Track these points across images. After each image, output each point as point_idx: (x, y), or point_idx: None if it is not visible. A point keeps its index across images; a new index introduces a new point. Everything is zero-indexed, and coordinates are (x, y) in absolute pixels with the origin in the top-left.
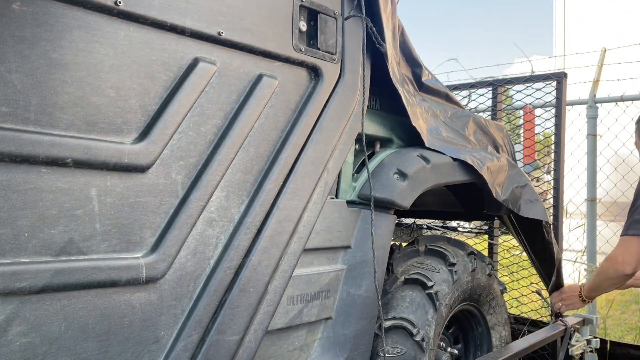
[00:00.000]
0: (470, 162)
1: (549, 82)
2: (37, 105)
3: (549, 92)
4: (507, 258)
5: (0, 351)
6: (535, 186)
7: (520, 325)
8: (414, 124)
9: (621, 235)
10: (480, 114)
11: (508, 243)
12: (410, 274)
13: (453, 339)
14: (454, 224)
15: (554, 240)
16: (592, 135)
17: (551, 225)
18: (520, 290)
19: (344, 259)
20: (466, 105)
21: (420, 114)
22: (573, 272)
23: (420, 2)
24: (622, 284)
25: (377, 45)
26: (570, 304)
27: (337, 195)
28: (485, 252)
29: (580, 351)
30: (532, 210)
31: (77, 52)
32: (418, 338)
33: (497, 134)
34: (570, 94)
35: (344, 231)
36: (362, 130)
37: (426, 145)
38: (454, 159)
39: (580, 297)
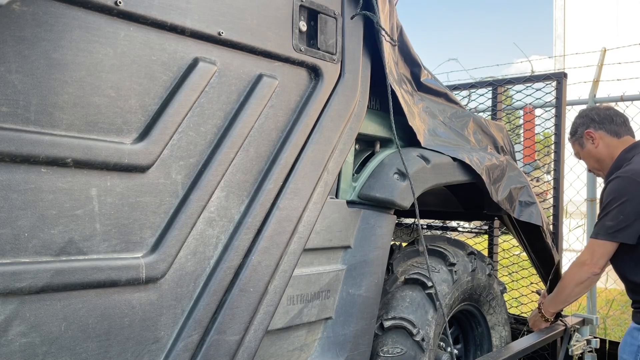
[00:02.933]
0: (467, 161)
1: (549, 82)
2: (37, 105)
3: (549, 92)
4: (507, 258)
5: (0, 351)
6: (535, 186)
7: (520, 325)
8: (410, 123)
9: (591, 238)
10: (480, 114)
11: (508, 243)
12: (410, 274)
13: (453, 339)
14: (454, 224)
15: (551, 244)
16: None
17: (548, 228)
18: (520, 290)
19: (344, 259)
20: (466, 105)
21: (418, 113)
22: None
23: (421, 2)
24: (591, 286)
25: (388, 42)
26: (535, 326)
27: (337, 195)
28: (485, 252)
29: (580, 351)
30: (527, 213)
31: (77, 52)
32: (418, 338)
33: (497, 134)
34: (570, 94)
35: (344, 231)
36: (393, 131)
37: (422, 145)
38: (454, 159)
39: (542, 317)
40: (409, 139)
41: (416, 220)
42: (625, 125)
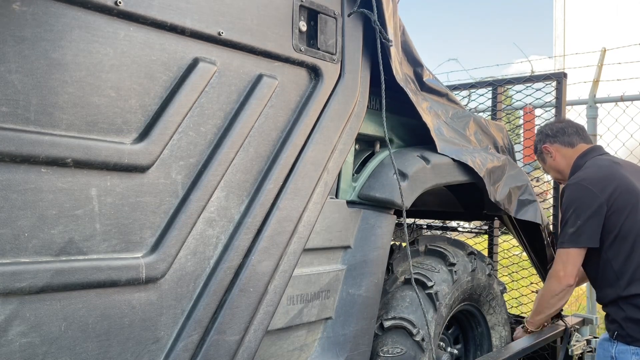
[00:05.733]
0: (470, 164)
1: (549, 82)
2: (37, 105)
3: (549, 92)
4: (507, 258)
5: (0, 351)
6: (535, 186)
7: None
8: (424, 119)
9: (557, 248)
10: (480, 114)
11: (508, 243)
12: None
13: (453, 339)
14: (454, 224)
15: (550, 243)
16: (592, 135)
17: (548, 227)
18: (520, 290)
19: (344, 259)
20: (466, 105)
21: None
22: None
23: (421, 2)
24: (567, 297)
25: (383, 41)
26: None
27: (337, 195)
28: (485, 252)
29: (580, 351)
30: (526, 212)
31: (77, 52)
32: (418, 338)
33: (497, 134)
34: (570, 94)
35: (344, 231)
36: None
37: (439, 151)
38: (454, 159)
39: (525, 330)
40: (410, 139)
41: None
42: (577, 135)
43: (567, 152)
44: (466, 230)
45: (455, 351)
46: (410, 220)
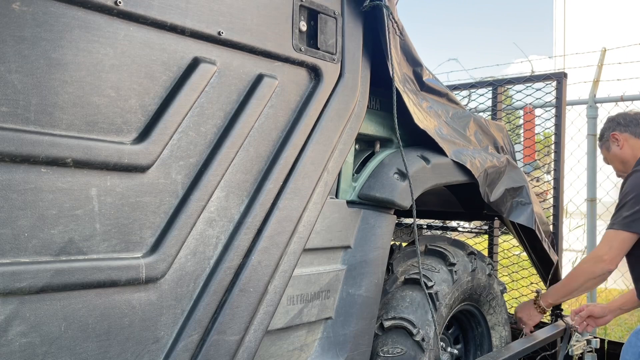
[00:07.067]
0: (469, 165)
1: (549, 82)
2: (37, 105)
3: (549, 92)
4: (507, 258)
5: (0, 351)
6: (535, 186)
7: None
8: (416, 122)
9: (607, 229)
10: (480, 114)
11: (508, 243)
12: (410, 274)
13: (453, 339)
14: (454, 224)
15: (547, 245)
16: (592, 135)
17: (547, 229)
18: (520, 290)
19: (344, 259)
20: (466, 105)
21: (423, 113)
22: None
23: (420, 2)
24: (601, 283)
25: (397, 35)
26: (529, 320)
27: (337, 195)
28: (485, 252)
29: (580, 351)
30: (520, 214)
31: (77, 52)
32: (418, 338)
33: (497, 134)
34: (570, 94)
35: (344, 231)
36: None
37: (452, 159)
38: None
39: (537, 308)
40: (410, 139)
41: (413, 221)
42: None
43: (636, 143)
44: (466, 230)
45: (455, 351)
46: (410, 220)
